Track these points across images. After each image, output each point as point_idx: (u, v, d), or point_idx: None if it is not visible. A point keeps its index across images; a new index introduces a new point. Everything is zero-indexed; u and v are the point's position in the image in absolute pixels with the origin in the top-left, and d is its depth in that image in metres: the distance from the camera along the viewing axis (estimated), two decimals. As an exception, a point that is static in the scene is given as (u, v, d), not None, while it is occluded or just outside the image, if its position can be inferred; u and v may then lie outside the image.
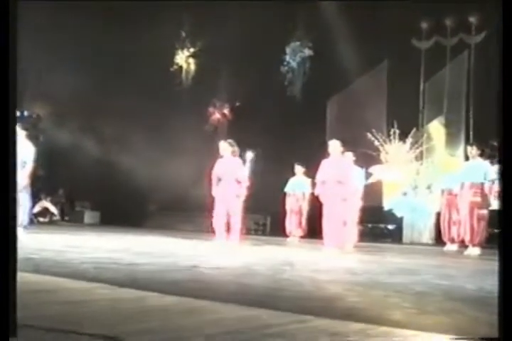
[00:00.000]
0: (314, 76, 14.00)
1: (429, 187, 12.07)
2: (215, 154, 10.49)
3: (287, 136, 13.39)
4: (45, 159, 12.17)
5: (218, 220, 8.63)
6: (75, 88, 13.60)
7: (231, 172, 8.68)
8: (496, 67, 2.05)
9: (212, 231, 8.73)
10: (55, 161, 15.15)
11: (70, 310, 2.48)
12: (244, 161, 8.93)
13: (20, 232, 8.33)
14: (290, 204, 11.78)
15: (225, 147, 8.82)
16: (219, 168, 8.80)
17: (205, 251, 7.28)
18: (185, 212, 15.04)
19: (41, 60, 13.07)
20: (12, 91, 2.07)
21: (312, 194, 9.91)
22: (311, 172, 10.07)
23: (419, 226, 12.17)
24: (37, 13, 11.37)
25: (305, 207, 11.64)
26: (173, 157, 13.49)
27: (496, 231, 8.45)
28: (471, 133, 12.37)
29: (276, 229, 12.88)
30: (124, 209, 14.85)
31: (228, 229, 8.57)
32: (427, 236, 12.06)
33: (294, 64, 14.43)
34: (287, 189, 11.83)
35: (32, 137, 9.42)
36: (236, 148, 8.81)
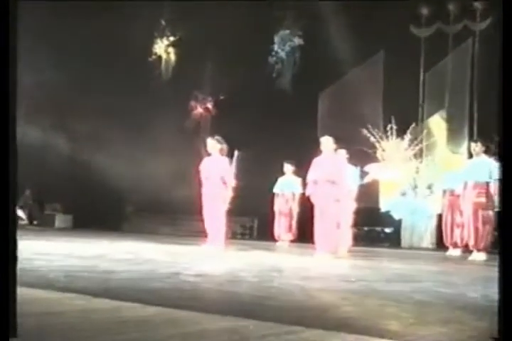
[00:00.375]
0: (305, 67, 14.03)
1: (429, 187, 12.14)
2: (197, 152, 10.48)
3: (276, 132, 13.40)
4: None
5: (206, 223, 8.64)
6: (43, 82, 13.52)
7: (217, 172, 8.68)
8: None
9: (200, 236, 8.74)
10: (23, 160, 15.03)
11: (40, 323, 2.48)
12: (231, 160, 8.94)
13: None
14: (279, 205, 11.80)
15: (213, 144, 8.82)
16: (204, 167, 8.80)
17: (188, 256, 7.28)
18: (166, 214, 15.03)
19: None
20: (12, 91, 2.23)
21: (303, 194, 9.92)
22: (301, 172, 10.08)
23: (419, 230, 12.24)
24: None
25: (295, 209, 11.67)
26: (152, 155, 13.47)
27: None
28: (475, 128, 12.42)
29: (264, 232, 12.89)
30: (98, 211, 14.80)
31: (214, 232, 8.57)
32: (428, 240, 12.13)
33: (282, 54, 14.45)
34: (276, 189, 11.85)
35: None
36: (224, 146, 8.82)
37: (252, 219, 14.41)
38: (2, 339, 2.07)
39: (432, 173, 12.17)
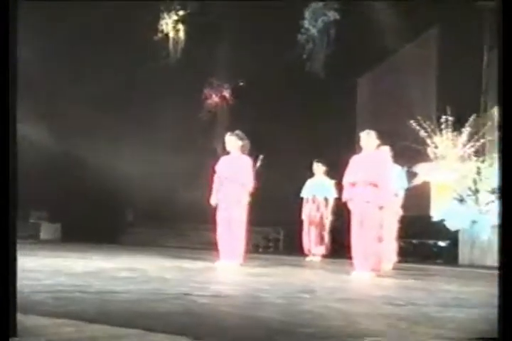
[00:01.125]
0: (341, 47, 13.99)
1: (493, 192, 12.03)
2: (212, 149, 10.49)
3: (305, 125, 13.41)
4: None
5: (219, 235, 8.66)
6: (24, 64, 13.58)
7: (236, 174, 8.69)
8: None
9: (214, 249, 8.76)
10: None
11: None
12: (253, 161, 8.95)
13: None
14: (308, 213, 11.77)
15: (232, 141, 8.84)
16: (221, 168, 8.81)
17: (200, 274, 7.29)
18: (173, 223, 15.08)
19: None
20: (12, 91, 2.63)
21: (338, 200, 9.87)
22: (335, 172, 10.05)
23: (480, 243, 12.14)
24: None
25: (328, 217, 11.63)
26: (158, 153, 13.52)
27: None
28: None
29: (291, 245, 12.88)
30: (92, 220, 14.88)
31: (230, 246, 8.57)
32: (492, 256, 12.02)
33: (314, 31, 14.42)
34: (304, 193, 11.81)
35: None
36: (246, 142, 8.83)
37: (276, 230, 14.40)
38: (2, 339, 2.38)
39: (496, 175, 12.07)
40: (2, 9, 2.61)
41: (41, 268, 6.74)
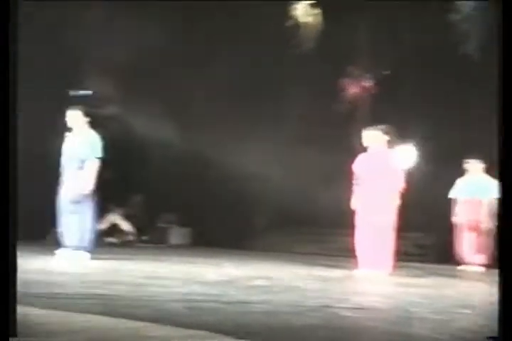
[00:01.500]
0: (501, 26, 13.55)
1: None
2: (351, 145, 10.42)
3: (458, 116, 13.06)
4: (116, 156, 12.53)
5: (361, 241, 8.61)
6: (152, 55, 13.92)
7: (381, 173, 8.60)
8: None
9: (353, 257, 8.71)
10: (128, 159, 15.61)
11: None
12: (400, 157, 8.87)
13: (82, 257, 8.71)
14: (464, 216, 11.51)
15: (376, 136, 8.76)
16: (361, 167, 8.75)
17: (341, 284, 7.26)
18: (310, 228, 15.07)
19: (99, 18, 13.54)
20: (12, 91, 2.81)
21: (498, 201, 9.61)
22: (493, 170, 9.78)
23: None
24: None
25: (487, 221, 11.32)
26: (292, 150, 13.55)
27: None
28: None
29: (445, 253, 12.60)
30: (224, 224, 15.08)
31: (376, 253, 8.51)
32: None
33: (469, 9, 14.04)
34: (457, 194, 11.55)
35: (97, 125, 9.79)
36: (393, 137, 8.74)
37: (427, 236, 14.12)
38: (2, 339, 2.55)
39: None
40: (2, 9, 2.81)
41: (172, 275, 6.92)
